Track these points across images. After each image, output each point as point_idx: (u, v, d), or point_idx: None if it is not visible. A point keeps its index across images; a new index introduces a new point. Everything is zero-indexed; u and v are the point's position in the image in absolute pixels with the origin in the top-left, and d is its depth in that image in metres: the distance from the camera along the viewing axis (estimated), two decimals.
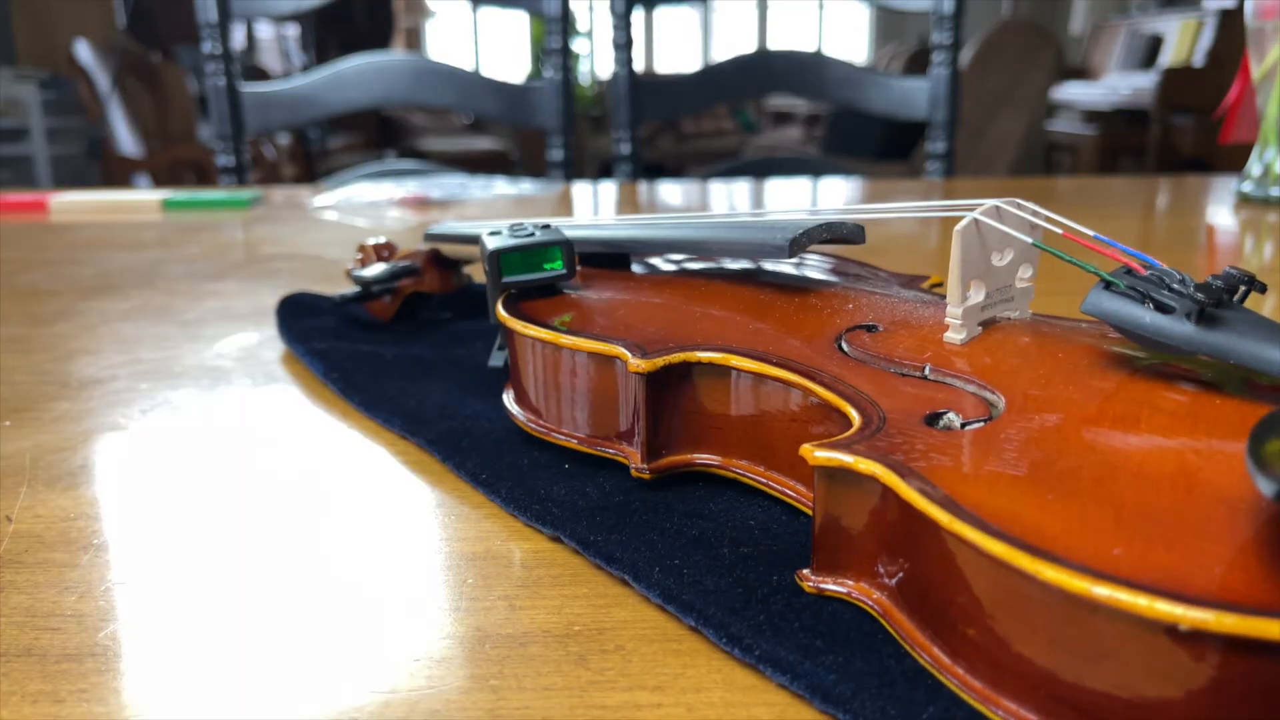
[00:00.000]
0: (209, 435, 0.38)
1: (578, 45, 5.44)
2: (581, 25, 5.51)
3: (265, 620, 0.25)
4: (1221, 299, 0.24)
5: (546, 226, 0.37)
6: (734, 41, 6.44)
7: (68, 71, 3.68)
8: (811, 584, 0.24)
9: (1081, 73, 4.42)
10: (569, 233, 0.37)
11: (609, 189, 1.17)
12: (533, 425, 0.33)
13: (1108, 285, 0.26)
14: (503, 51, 6.33)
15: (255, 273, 0.68)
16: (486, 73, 1.29)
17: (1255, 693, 0.16)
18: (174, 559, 0.28)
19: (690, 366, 0.29)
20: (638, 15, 1.42)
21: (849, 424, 0.25)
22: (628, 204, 1.03)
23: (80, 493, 0.33)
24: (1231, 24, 3.47)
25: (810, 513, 0.25)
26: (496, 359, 0.41)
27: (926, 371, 0.28)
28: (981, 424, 0.24)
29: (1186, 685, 0.16)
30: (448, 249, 0.49)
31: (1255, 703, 0.16)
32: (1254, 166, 0.94)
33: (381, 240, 0.51)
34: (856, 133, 3.68)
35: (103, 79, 3.36)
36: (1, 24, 4.20)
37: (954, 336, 0.29)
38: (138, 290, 0.63)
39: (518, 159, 4.20)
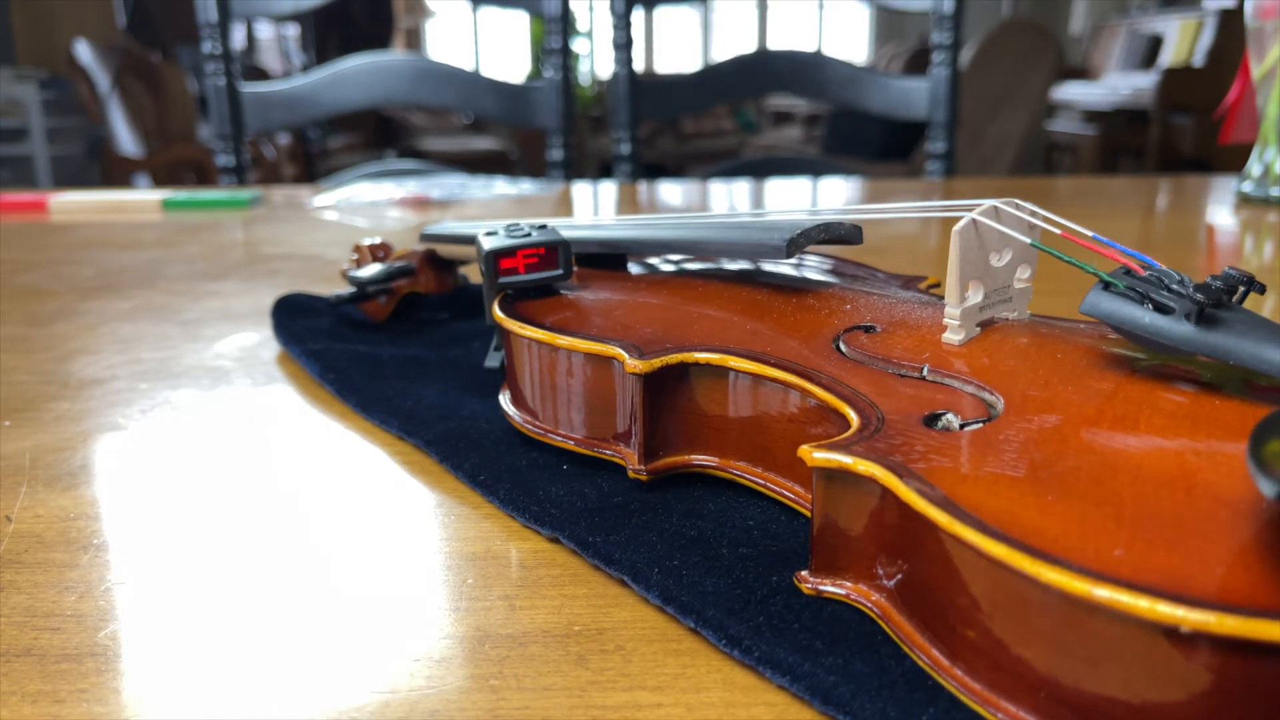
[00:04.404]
0: (209, 435, 0.38)
1: (578, 45, 5.43)
2: (581, 25, 5.51)
3: (265, 620, 0.25)
4: (1221, 299, 0.24)
5: (543, 227, 0.37)
6: (734, 41, 6.44)
7: (68, 71, 3.68)
8: (810, 585, 0.24)
9: (1081, 73, 4.42)
10: (566, 233, 0.37)
11: (609, 189, 1.17)
12: (529, 426, 0.33)
13: (1106, 286, 0.26)
14: (503, 51, 6.33)
15: (255, 273, 0.68)
16: (486, 73, 1.29)
17: (1256, 695, 0.16)
18: (174, 559, 0.28)
19: (687, 367, 0.29)
20: (638, 15, 1.42)
21: (847, 425, 0.25)
22: (628, 204, 1.03)
23: (80, 493, 0.33)
24: (1231, 24, 3.47)
25: (808, 514, 0.25)
26: (493, 360, 0.41)
27: (925, 372, 0.28)
28: (980, 425, 0.24)
29: (1187, 687, 0.16)
30: (445, 249, 0.49)
31: (1256, 705, 0.16)
32: (1254, 166, 0.94)
33: (377, 240, 0.51)
34: (856, 133, 3.68)
35: (103, 79, 3.36)
36: (1, 24, 4.20)
37: (952, 337, 0.29)
38: (138, 290, 0.63)
39: (518, 159, 4.20)
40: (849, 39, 6.51)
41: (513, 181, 1.12)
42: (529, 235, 0.36)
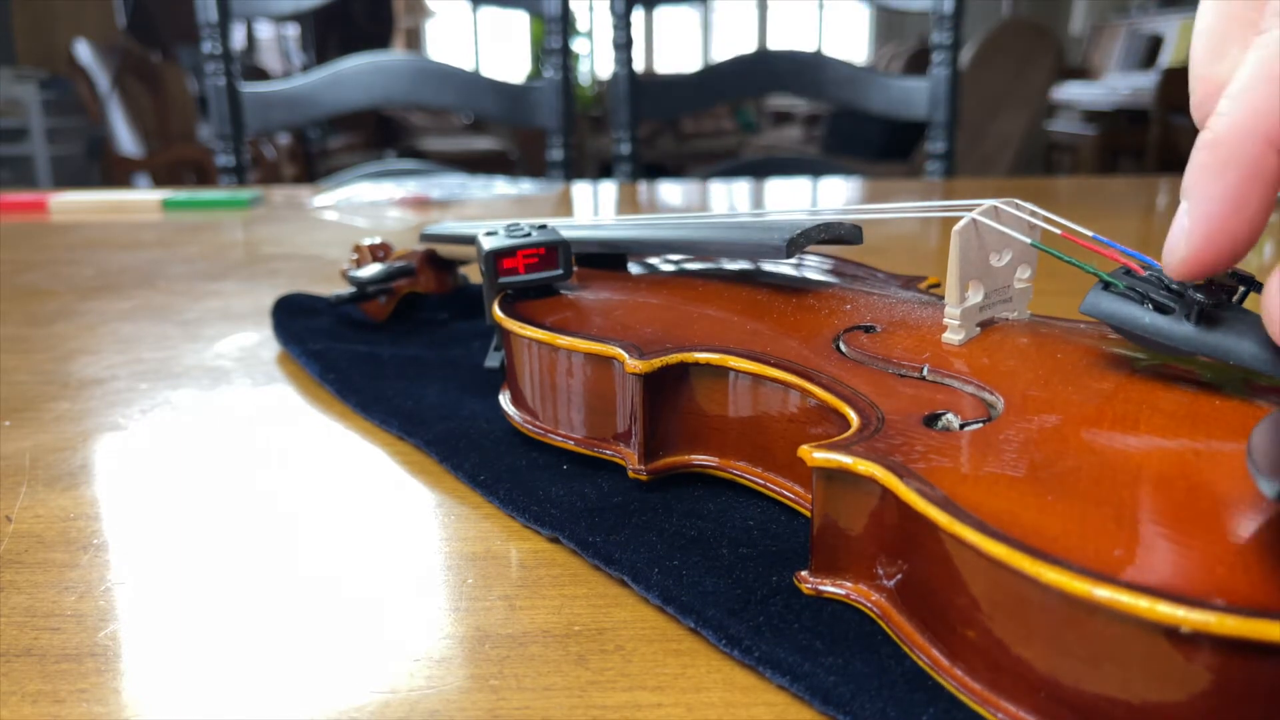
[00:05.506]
0: (209, 435, 0.38)
1: (578, 45, 5.43)
2: (581, 25, 5.51)
3: (265, 620, 0.25)
4: (1220, 300, 0.24)
5: (543, 227, 0.37)
6: (734, 41, 6.44)
7: (68, 71, 3.68)
8: (810, 586, 0.24)
9: (1081, 73, 4.42)
10: (566, 233, 0.37)
11: (609, 189, 1.17)
12: (529, 426, 0.33)
13: (1106, 286, 0.26)
14: (503, 51, 6.33)
15: (255, 273, 0.68)
16: (486, 73, 1.29)
17: (1256, 695, 0.16)
18: (174, 559, 0.28)
19: (687, 367, 0.29)
20: (638, 15, 1.42)
21: (847, 425, 0.25)
22: (628, 204, 1.03)
23: (80, 493, 0.33)
24: None
25: (808, 514, 0.25)
26: (493, 360, 0.41)
27: (925, 372, 0.28)
28: (980, 425, 0.24)
29: (1187, 688, 0.16)
30: (445, 249, 0.49)
31: (1256, 705, 0.16)
32: None
33: (377, 240, 0.51)
34: (856, 133, 3.68)
35: (103, 79, 3.36)
36: (2, 24, 4.20)
37: (952, 337, 0.29)
38: (138, 290, 0.63)
39: (518, 159, 4.20)
40: (849, 39, 6.51)
41: (513, 181, 1.12)
42: (529, 235, 0.36)
